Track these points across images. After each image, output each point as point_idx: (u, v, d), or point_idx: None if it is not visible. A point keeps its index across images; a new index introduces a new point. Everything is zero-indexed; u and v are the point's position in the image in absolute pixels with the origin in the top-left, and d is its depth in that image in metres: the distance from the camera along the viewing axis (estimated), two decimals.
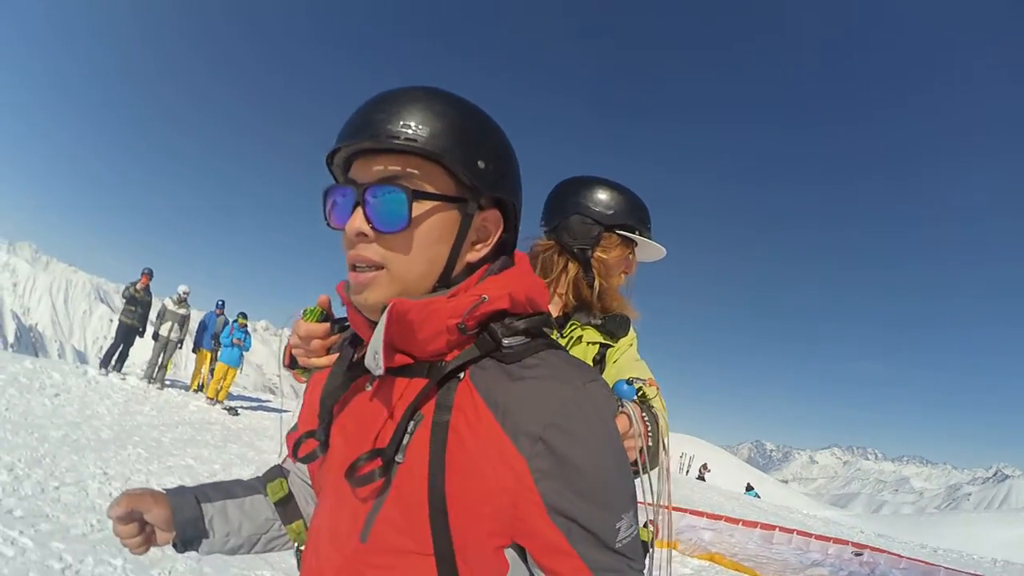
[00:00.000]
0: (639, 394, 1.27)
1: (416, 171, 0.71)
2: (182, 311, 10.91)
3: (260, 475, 1.00)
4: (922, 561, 8.66)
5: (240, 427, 9.23)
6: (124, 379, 9.98)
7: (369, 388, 0.77)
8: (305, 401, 0.91)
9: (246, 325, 11.06)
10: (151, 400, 9.16)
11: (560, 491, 0.66)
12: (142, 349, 11.14)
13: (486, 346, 0.72)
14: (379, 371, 0.69)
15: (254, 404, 12.65)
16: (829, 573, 7.24)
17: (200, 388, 11.30)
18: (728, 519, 9.59)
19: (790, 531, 9.36)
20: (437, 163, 0.71)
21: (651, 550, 1.24)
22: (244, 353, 10.84)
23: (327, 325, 0.88)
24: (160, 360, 10.51)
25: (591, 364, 1.43)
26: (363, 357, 0.72)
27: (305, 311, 0.90)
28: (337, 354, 0.84)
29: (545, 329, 0.77)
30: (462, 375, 0.72)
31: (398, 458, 0.70)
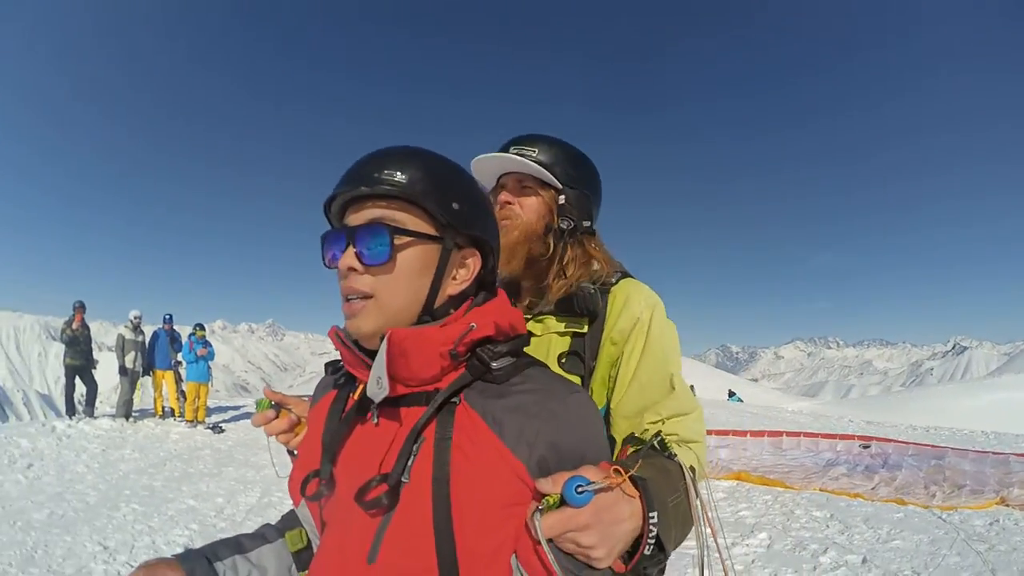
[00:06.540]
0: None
1: (399, 213, 0.80)
2: (140, 338, 10.40)
3: (274, 523, 1.03)
4: (929, 445, 8.90)
5: (230, 444, 8.96)
6: (95, 421, 9.39)
7: (369, 420, 0.84)
8: (305, 440, 0.97)
9: (204, 336, 10.65)
10: (129, 440, 8.66)
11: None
12: (102, 382, 10.70)
13: (477, 370, 0.81)
14: (383, 394, 0.77)
15: (235, 414, 12.26)
16: (847, 471, 7.33)
17: (165, 413, 10.65)
18: (735, 432, 9.71)
19: (796, 434, 9.55)
20: (417, 206, 0.80)
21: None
22: (210, 364, 10.56)
23: (271, 411, 1.06)
24: (130, 395, 10.03)
25: (564, 360, 1.20)
26: (360, 393, 0.83)
27: (258, 402, 1.08)
28: (303, 427, 1.04)
29: (524, 349, 0.89)
30: (457, 399, 0.79)
31: (404, 479, 0.76)
